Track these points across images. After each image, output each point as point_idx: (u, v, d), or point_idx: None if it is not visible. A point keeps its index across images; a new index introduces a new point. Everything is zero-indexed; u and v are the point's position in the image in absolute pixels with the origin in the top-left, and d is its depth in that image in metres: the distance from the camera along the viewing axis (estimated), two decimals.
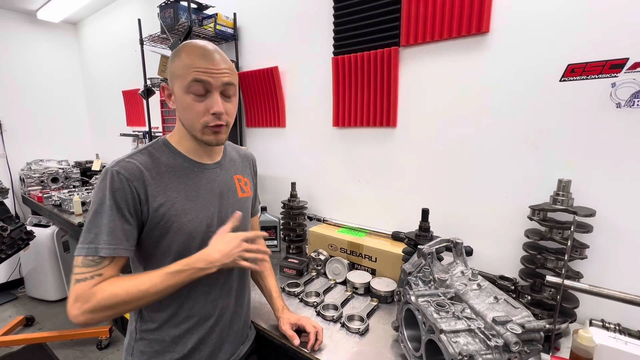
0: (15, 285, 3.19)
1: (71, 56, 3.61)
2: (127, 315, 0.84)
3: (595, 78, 0.95)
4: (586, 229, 0.93)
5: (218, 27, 1.82)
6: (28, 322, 2.57)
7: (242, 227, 0.89)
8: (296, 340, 0.91)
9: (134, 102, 2.93)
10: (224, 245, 0.75)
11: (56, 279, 2.87)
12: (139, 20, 2.08)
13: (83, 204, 2.29)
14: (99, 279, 0.67)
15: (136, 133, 2.66)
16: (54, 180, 2.90)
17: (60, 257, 2.84)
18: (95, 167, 3.20)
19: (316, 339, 0.91)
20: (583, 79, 0.97)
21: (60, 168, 3.00)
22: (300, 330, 0.94)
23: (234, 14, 1.91)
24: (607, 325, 0.94)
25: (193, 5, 1.80)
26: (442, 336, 0.67)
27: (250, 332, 0.99)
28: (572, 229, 0.83)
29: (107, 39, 3.19)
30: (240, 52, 1.97)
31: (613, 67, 0.92)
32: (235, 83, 0.78)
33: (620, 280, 0.98)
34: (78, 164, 3.25)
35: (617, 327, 0.92)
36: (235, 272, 0.88)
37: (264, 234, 0.89)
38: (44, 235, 2.73)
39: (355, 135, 1.54)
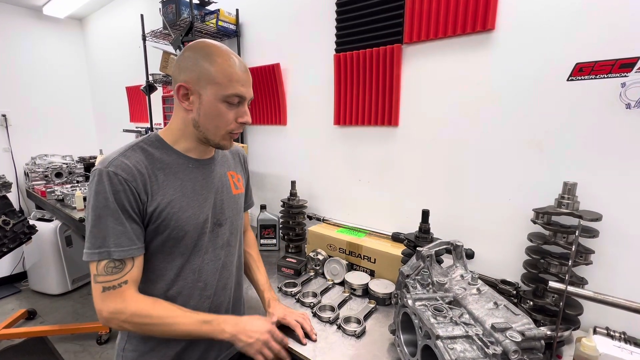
0: (19, 279, 3.21)
1: (76, 52, 3.63)
2: None
3: (604, 77, 0.91)
4: (592, 233, 0.90)
5: (220, 23, 1.80)
6: (30, 316, 2.59)
7: (234, 224, 0.89)
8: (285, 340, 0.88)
9: (137, 98, 2.94)
10: (258, 327, 0.79)
11: (59, 273, 2.88)
12: (142, 15, 2.07)
13: (85, 199, 2.30)
14: (125, 286, 0.69)
15: (139, 129, 2.66)
16: (58, 175, 2.91)
17: (63, 251, 2.85)
18: None
19: (306, 333, 0.92)
20: (591, 78, 0.93)
21: (64, 163, 3.01)
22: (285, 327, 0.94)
23: (237, 10, 1.89)
24: (612, 333, 0.91)
25: (195, 1, 1.78)
26: (439, 342, 0.65)
27: None
28: (577, 234, 0.81)
29: (111, 35, 3.20)
30: (242, 48, 1.95)
31: (623, 66, 0.88)
32: None
33: (627, 287, 0.95)
34: (82, 159, 3.26)
35: (622, 336, 0.89)
36: (232, 269, 0.88)
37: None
38: (47, 229, 2.75)
39: (357, 134, 1.51)
